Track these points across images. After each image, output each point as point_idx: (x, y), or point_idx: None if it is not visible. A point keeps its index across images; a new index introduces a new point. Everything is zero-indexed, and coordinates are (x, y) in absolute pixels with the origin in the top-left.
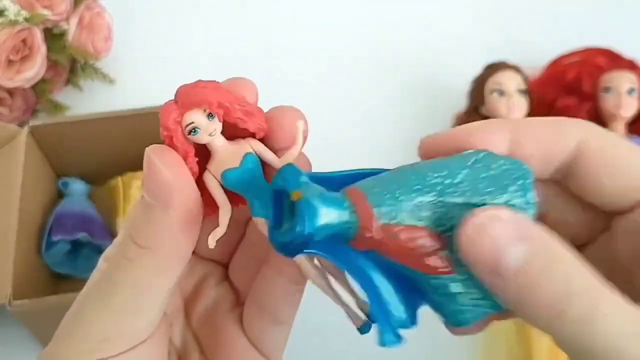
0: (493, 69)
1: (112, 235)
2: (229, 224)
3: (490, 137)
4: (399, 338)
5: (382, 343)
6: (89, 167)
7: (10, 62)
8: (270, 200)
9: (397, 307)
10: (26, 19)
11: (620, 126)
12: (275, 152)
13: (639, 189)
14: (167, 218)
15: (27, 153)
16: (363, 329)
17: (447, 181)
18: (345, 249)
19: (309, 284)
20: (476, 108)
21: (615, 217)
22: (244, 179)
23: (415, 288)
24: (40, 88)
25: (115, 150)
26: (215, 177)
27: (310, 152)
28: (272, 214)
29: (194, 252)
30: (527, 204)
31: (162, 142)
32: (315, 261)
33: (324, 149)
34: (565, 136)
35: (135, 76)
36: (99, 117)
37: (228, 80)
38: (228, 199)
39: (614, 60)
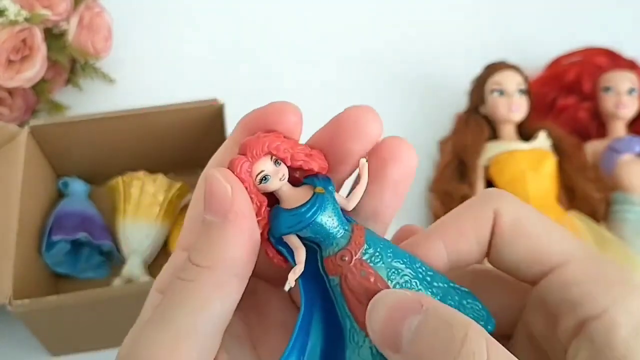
0: (493, 69)
1: (112, 235)
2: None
3: (427, 252)
4: None
5: None
6: (89, 167)
7: (10, 62)
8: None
9: None
10: (26, 19)
11: (620, 126)
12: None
13: (543, 260)
14: (224, 231)
15: (27, 153)
16: None
17: (428, 278)
18: (314, 269)
19: None
20: (476, 108)
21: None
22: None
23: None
24: (40, 88)
25: (115, 150)
26: None
27: None
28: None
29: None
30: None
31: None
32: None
33: None
34: (485, 212)
35: (135, 76)
36: (99, 117)
37: (271, 105)
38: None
39: (614, 60)
